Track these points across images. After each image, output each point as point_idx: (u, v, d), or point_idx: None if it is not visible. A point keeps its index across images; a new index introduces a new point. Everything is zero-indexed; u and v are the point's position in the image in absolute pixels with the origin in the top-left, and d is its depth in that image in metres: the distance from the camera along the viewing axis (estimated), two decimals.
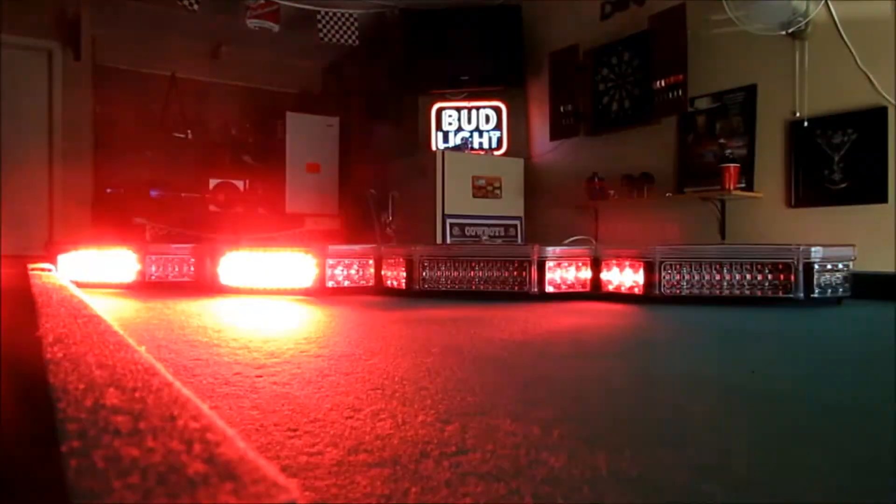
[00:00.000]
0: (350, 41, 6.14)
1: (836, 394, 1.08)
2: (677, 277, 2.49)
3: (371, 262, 3.03)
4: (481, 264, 2.76)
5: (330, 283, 2.92)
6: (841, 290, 2.45)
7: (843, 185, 3.82)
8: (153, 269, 3.17)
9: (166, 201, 6.78)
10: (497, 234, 5.64)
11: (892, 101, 3.60)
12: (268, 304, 2.54)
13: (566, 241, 4.21)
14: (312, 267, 2.89)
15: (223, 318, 2.11)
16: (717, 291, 2.44)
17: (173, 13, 5.62)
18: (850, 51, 3.76)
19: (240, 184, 7.27)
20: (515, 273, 2.72)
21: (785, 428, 0.86)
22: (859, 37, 3.74)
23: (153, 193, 6.73)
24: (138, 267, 3.14)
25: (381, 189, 5.98)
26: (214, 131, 7.25)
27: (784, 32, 3.96)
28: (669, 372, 1.25)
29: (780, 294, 2.39)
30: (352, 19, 6.11)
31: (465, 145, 6.04)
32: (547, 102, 5.75)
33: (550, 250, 2.71)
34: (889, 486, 0.65)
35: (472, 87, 6.04)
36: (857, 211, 3.75)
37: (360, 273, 3.01)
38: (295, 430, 0.78)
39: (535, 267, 2.68)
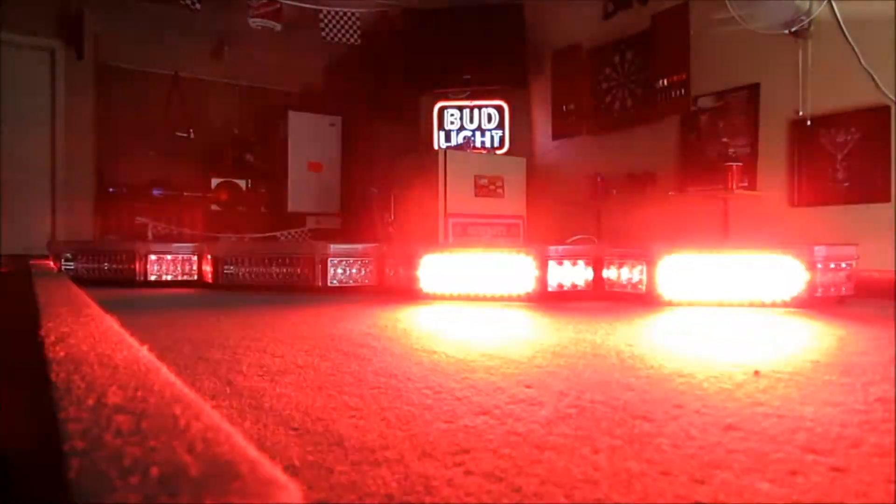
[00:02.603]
0: (352, 40, 6.14)
1: None
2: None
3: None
4: None
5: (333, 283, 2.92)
6: (843, 289, 2.43)
7: (845, 184, 3.81)
8: None
9: (169, 200, 6.78)
10: (499, 233, 5.64)
11: None
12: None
13: (569, 240, 4.20)
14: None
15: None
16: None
17: (176, 12, 5.61)
18: (854, 50, 3.74)
19: (242, 183, 7.27)
20: None
21: None
22: (863, 36, 3.72)
23: (156, 192, 6.74)
24: None
25: (383, 188, 5.97)
26: (216, 130, 7.24)
27: (787, 31, 3.94)
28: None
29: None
30: (354, 18, 6.10)
31: (467, 144, 6.03)
32: (549, 101, 5.74)
33: None
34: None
35: (475, 86, 6.03)
36: (859, 210, 3.74)
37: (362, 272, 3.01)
38: None
39: None
